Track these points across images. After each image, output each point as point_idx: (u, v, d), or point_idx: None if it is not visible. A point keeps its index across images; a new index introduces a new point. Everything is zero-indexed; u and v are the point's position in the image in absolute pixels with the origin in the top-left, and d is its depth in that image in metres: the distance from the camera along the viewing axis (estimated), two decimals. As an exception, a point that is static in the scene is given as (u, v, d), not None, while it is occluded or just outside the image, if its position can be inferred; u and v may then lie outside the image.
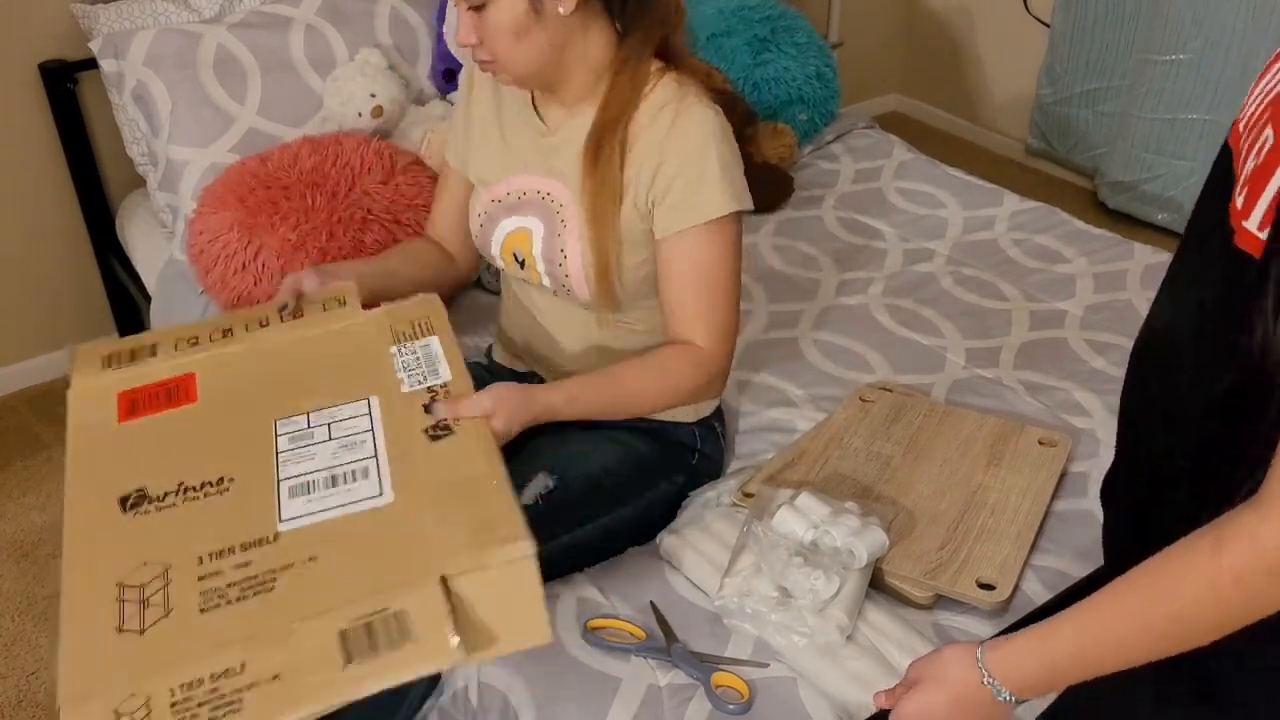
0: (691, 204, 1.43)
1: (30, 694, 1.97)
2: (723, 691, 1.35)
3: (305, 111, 2.25)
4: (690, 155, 1.43)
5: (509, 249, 1.56)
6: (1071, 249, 2.32)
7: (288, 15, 2.30)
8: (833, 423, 1.78)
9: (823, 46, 2.75)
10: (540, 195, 1.53)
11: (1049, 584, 1.51)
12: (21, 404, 2.67)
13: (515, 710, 1.39)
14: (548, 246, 1.52)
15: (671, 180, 1.44)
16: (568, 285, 1.52)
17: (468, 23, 1.41)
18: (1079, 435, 1.79)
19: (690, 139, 1.43)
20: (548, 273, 1.53)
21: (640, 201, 1.47)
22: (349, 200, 1.97)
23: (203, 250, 1.98)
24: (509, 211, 1.56)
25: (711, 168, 1.43)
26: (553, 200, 1.52)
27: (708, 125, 1.44)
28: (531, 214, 1.54)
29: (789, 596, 1.39)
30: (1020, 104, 3.63)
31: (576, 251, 1.49)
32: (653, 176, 1.45)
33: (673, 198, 1.44)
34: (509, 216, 1.56)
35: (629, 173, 1.47)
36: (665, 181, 1.44)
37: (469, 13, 1.40)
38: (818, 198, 2.53)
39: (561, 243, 1.50)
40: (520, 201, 1.55)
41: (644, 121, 1.46)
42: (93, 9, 2.31)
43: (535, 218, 1.53)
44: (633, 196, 1.47)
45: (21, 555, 2.26)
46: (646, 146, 1.45)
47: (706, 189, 1.43)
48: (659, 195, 1.45)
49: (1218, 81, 2.96)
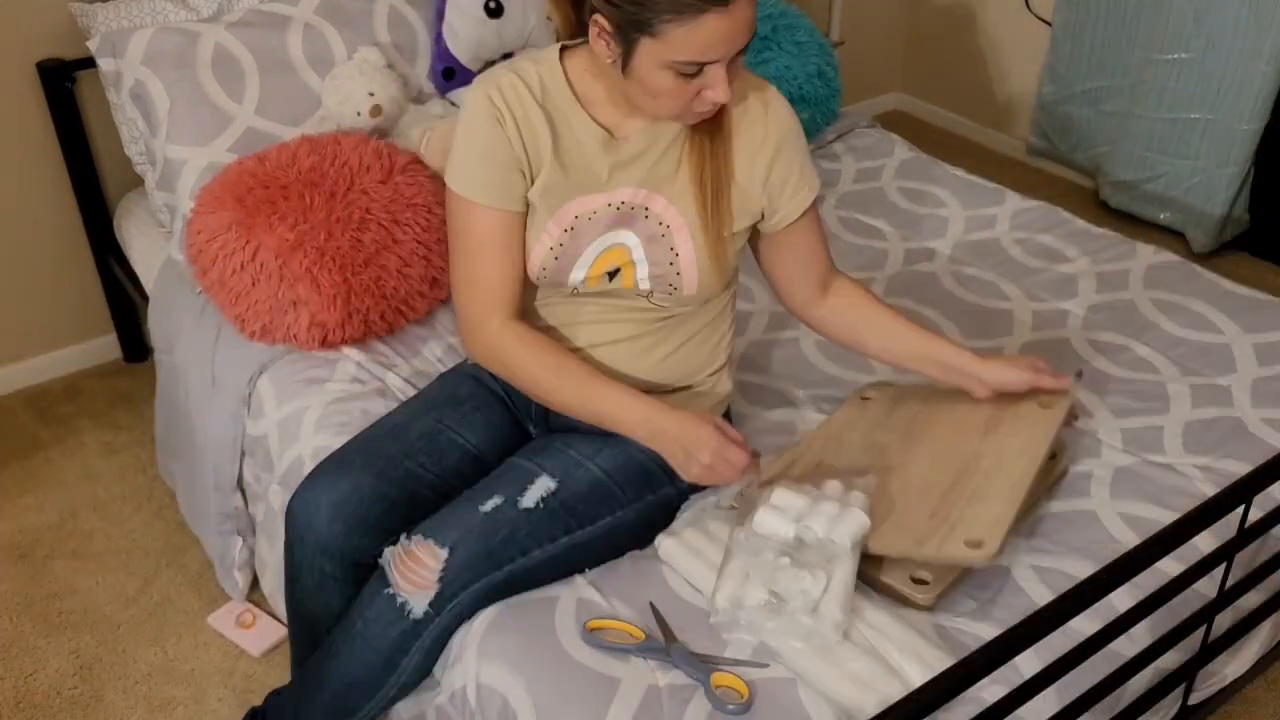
0: (808, 182, 1.57)
1: (29, 695, 1.97)
2: (722, 692, 1.35)
3: (303, 111, 2.25)
4: (794, 142, 1.54)
5: (601, 267, 1.53)
6: (1073, 248, 2.31)
7: (286, 14, 2.30)
8: (833, 422, 1.78)
9: (824, 45, 2.74)
10: (614, 208, 1.51)
11: (1050, 584, 1.51)
12: (19, 404, 2.66)
13: (514, 711, 1.39)
14: (653, 251, 1.52)
15: (787, 172, 1.53)
16: (676, 284, 1.53)
17: (728, 75, 1.37)
18: (1080, 436, 1.78)
19: (786, 125, 1.53)
20: (652, 276, 1.53)
21: (753, 194, 1.53)
22: (347, 200, 1.97)
23: (201, 250, 1.98)
24: (589, 234, 1.51)
25: (805, 147, 1.56)
26: (634, 208, 1.51)
27: (787, 106, 1.54)
28: (618, 227, 1.52)
29: (781, 600, 1.39)
30: (1022, 103, 3.62)
31: (689, 249, 1.51)
32: (768, 169, 1.52)
33: (791, 186, 1.55)
34: (593, 239, 1.52)
35: (739, 165, 1.52)
36: (781, 175, 1.53)
37: (732, 64, 1.37)
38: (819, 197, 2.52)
39: (669, 242, 1.51)
40: (592, 222, 1.51)
41: (737, 109, 1.51)
42: (91, 8, 2.31)
43: (625, 230, 1.52)
44: (744, 189, 1.53)
45: (20, 556, 2.25)
46: (751, 139, 1.51)
47: (808, 166, 1.57)
48: (777, 188, 1.54)
49: (1220, 80, 2.95)
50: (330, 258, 1.91)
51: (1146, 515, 1.63)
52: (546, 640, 1.43)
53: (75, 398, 2.68)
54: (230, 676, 1.99)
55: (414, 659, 1.48)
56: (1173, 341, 2.01)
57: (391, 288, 1.97)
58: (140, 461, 2.48)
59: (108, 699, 1.96)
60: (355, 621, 1.48)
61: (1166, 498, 1.66)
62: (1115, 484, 1.69)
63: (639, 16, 1.31)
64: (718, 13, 1.29)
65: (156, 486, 2.41)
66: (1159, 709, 1.61)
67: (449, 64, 2.38)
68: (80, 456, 2.50)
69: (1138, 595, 1.43)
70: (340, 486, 1.53)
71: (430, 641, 1.47)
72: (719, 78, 1.36)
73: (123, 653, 2.04)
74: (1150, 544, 1.31)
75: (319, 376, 1.91)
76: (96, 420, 2.61)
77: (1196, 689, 1.67)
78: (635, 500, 1.56)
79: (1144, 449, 1.76)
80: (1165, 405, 1.85)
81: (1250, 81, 2.88)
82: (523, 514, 1.48)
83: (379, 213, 1.97)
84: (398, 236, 1.98)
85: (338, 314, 1.92)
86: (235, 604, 2.10)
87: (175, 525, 2.31)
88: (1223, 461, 1.73)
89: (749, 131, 1.51)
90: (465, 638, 1.47)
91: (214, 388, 1.99)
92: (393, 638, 1.46)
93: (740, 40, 1.34)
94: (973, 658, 1.18)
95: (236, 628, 2.06)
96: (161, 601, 2.14)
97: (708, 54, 1.33)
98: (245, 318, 1.96)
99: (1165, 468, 1.72)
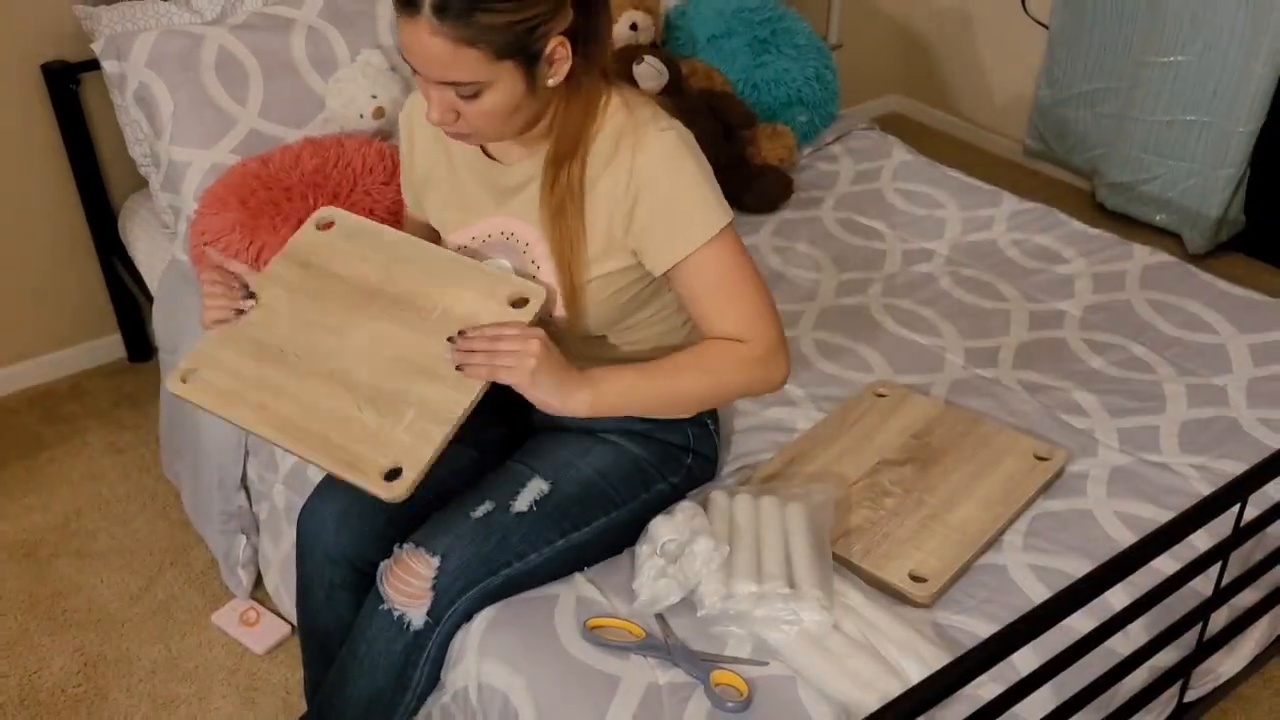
0: (681, 233, 1.40)
1: (33, 693, 1.98)
2: (722, 690, 1.36)
3: (307, 113, 2.26)
4: (663, 186, 1.39)
5: None
6: (1070, 250, 2.33)
7: (289, 17, 2.31)
8: (830, 422, 1.79)
9: (822, 48, 2.75)
10: (504, 236, 1.50)
11: (1046, 582, 1.52)
12: (24, 404, 2.68)
13: (515, 709, 1.40)
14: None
15: (651, 217, 1.40)
16: (551, 321, 1.51)
17: (444, 102, 1.34)
18: (1077, 435, 1.80)
19: (657, 169, 1.38)
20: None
21: (616, 239, 1.44)
22: (350, 201, 1.98)
23: (204, 251, 1.99)
24: (479, 258, 1.52)
25: (689, 190, 1.39)
26: (517, 240, 1.49)
27: (667, 148, 1.39)
28: (500, 255, 1.51)
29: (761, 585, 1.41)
30: (1019, 105, 3.64)
31: (554, 283, 1.47)
32: (628, 218, 1.41)
33: (661, 232, 1.41)
34: (482, 261, 1.52)
35: (599, 213, 1.43)
36: (644, 220, 1.41)
37: (449, 94, 1.32)
38: (817, 199, 2.54)
39: (541, 281, 1.48)
40: (485, 244, 1.52)
41: (601, 159, 1.41)
42: (95, 10, 2.32)
43: (505, 259, 1.51)
44: (605, 234, 1.44)
45: (24, 555, 2.26)
46: (613, 188, 1.41)
47: (690, 214, 1.40)
48: (642, 234, 1.42)
49: (1216, 83, 2.97)
50: (333, 259, 1.92)
51: (1142, 514, 1.64)
52: (547, 639, 1.44)
53: (80, 397, 2.69)
54: (234, 674, 2.01)
55: (424, 671, 1.48)
56: (1168, 341, 2.03)
57: (394, 289, 1.98)
58: (144, 461, 2.49)
59: (112, 697, 1.97)
60: (359, 643, 1.49)
61: (1162, 497, 1.67)
62: (1111, 483, 1.70)
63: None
64: (401, 19, 1.27)
65: (160, 486, 2.42)
66: (1155, 706, 1.62)
67: (451, 66, 2.39)
68: (85, 456, 2.52)
69: (1134, 593, 1.44)
70: (345, 496, 1.54)
71: (436, 651, 1.48)
72: (424, 90, 1.34)
73: (127, 651, 2.06)
74: (1146, 542, 1.32)
75: (322, 377, 1.92)
76: (101, 420, 2.62)
77: (1192, 687, 1.68)
78: (630, 500, 1.56)
79: (1140, 448, 1.78)
80: (1161, 405, 1.87)
81: (1246, 84, 2.89)
82: (515, 518, 1.48)
83: (382, 214, 1.99)
84: (400, 238, 1.99)
85: (341, 315, 1.93)
86: (239, 602, 2.12)
87: (179, 524, 2.32)
88: (1218, 461, 1.74)
89: (612, 178, 1.41)
90: (466, 637, 1.48)
91: (218, 388, 2.00)
92: (397, 653, 1.46)
93: (427, 69, 1.29)
94: (970, 655, 1.19)
95: (240, 626, 2.07)
96: (165, 600, 2.16)
97: (405, 56, 1.32)
98: (249, 318, 1.97)
99: (1161, 467, 1.73)
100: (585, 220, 1.43)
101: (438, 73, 1.30)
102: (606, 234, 1.44)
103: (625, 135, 1.40)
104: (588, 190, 1.42)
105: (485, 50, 1.27)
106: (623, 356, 1.57)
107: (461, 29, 1.25)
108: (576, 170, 1.41)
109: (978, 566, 1.55)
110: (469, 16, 1.24)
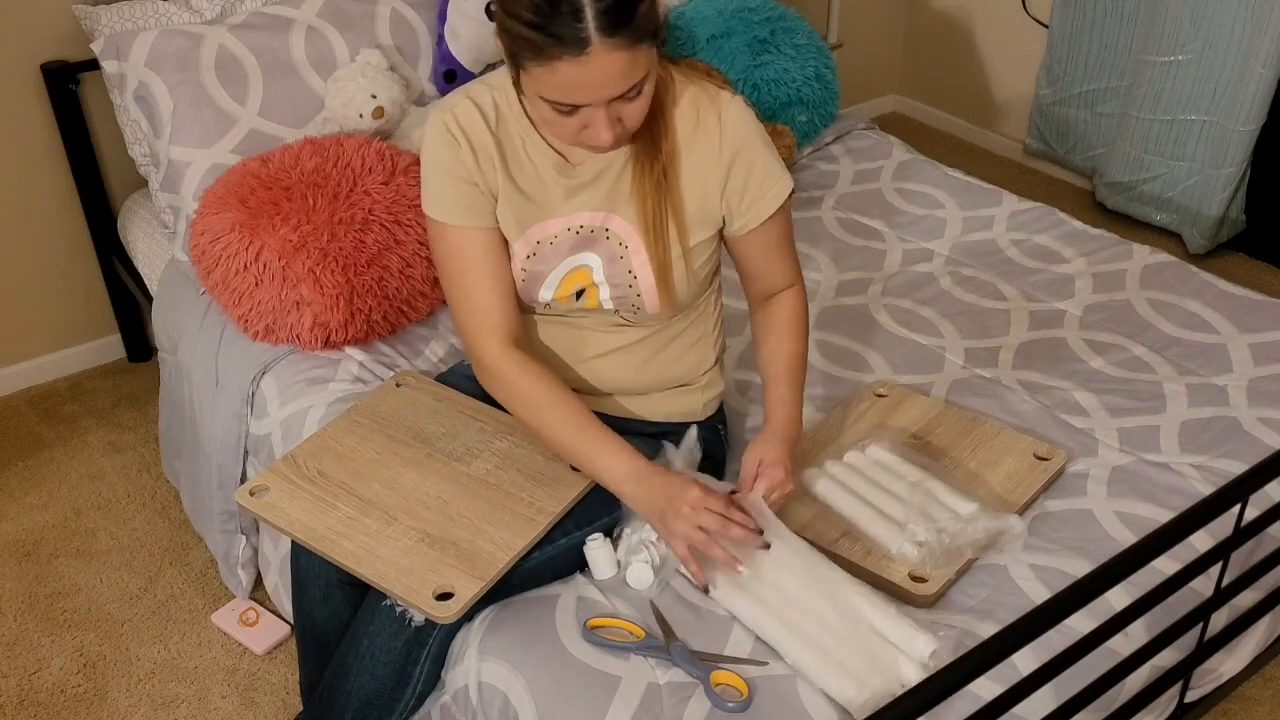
0: (767, 194, 1.51)
1: (32, 693, 1.98)
2: (722, 690, 1.36)
3: (306, 112, 2.26)
4: (750, 151, 1.48)
5: (567, 288, 1.53)
6: (1070, 249, 2.33)
7: (289, 16, 2.31)
8: (830, 422, 1.79)
9: (822, 48, 2.75)
10: (574, 232, 1.50)
11: (1047, 582, 1.52)
12: (24, 404, 2.67)
13: (516, 709, 1.40)
14: (613, 273, 1.51)
15: (745, 179, 1.49)
16: (638, 305, 1.52)
17: (610, 117, 1.32)
18: (1077, 435, 1.80)
19: (743, 133, 1.47)
20: (614, 297, 1.52)
21: (710, 206, 1.50)
22: (350, 201, 1.98)
23: (204, 251, 1.99)
24: (552, 259, 1.51)
25: (767, 154, 1.50)
26: (595, 230, 1.50)
27: (749, 114, 1.48)
28: (580, 250, 1.51)
29: None
30: (1019, 105, 3.63)
31: (648, 271, 1.49)
32: (724, 181, 1.49)
33: (750, 194, 1.50)
34: (556, 264, 1.51)
35: (693, 181, 1.48)
36: (739, 182, 1.49)
37: (616, 105, 1.31)
38: (817, 199, 2.54)
39: (627, 264, 1.50)
40: (555, 247, 1.51)
41: (687, 128, 1.47)
42: (94, 10, 2.32)
43: (586, 252, 1.51)
44: (700, 200, 1.49)
45: (24, 555, 2.26)
46: (704, 154, 1.47)
47: (772, 175, 1.50)
48: (734, 197, 1.50)
49: (1216, 82, 2.96)
50: (333, 259, 1.92)
51: (1143, 514, 1.64)
52: (547, 638, 1.44)
53: (79, 397, 2.69)
54: (233, 674, 2.00)
55: (425, 667, 1.48)
56: (1169, 341, 2.03)
57: (394, 288, 1.98)
58: (144, 461, 2.49)
59: (111, 697, 1.97)
60: (360, 639, 1.49)
61: (1163, 497, 1.67)
62: (1112, 483, 1.70)
63: (514, 49, 1.29)
64: (570, 61, 1.24)
65: (160, 485, 2.42)
66: (1155, 706, 1.62)
67: (451, 66, 2.39)
68: (84, 456, 2.52)
69: (1134, 593, 1.44)
70: None
71: (437, 648, 1.48)
72: (595, 120, 1.32)
73: (126, 651, 2.06)
74: (1147, 542, 1.32)
75: (322, 376, 1.92)
76: (100, 420, 2.62)
77: (1193, 687, 1.68)
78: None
79: (1140, 448, 1.77)
80: (1161, 405, 1.87)
81: (1247, 83, 2.89)
82: None
83: (381, 214, 1.99)
84: (400, 237, 1.99)
85: (340, 314, 1.93)
86: (239, 602, 2.12)
87: (179, 524, 2.32)
88: (1219, 461, 1.74)
89: (703, 145, 1.47)
90: (466, 636, 1.48)
91: (217, 387, 2.00)
92: (398, 649, 1.46)
93: (610, 89, 1.28)
94: (970, 655, 1.19)
95: (240, 626, 2.07)
96: (165, 600, 2.16)
97: (571, 97, 1.28)
98: (248, 318, 1.97)
99: (1162, 467, 1.73)
100: (681, 191, 1.48)
101: (620, 86, 1.29)
102: (701, 200, 1.50)
103: (704, 105, 1.47)
104: (680, 160, 1.47)
105: (648, 39, 1.29)
106: (678, 339, 1.61)
107: (631, 32, 1.25)
108: (671, 139, 1.46)
109: (978, 566, 1.55)
110: (634, 16, 1.24)
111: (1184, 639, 1.54)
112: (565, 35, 1.22)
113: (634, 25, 1.24)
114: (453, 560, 1.42)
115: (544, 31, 1.22)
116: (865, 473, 1.64)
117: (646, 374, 1.61)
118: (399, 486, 1.53)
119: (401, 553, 1.43)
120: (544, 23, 1.22)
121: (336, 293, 1.92)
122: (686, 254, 1.51)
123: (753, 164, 1.49)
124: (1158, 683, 1.54)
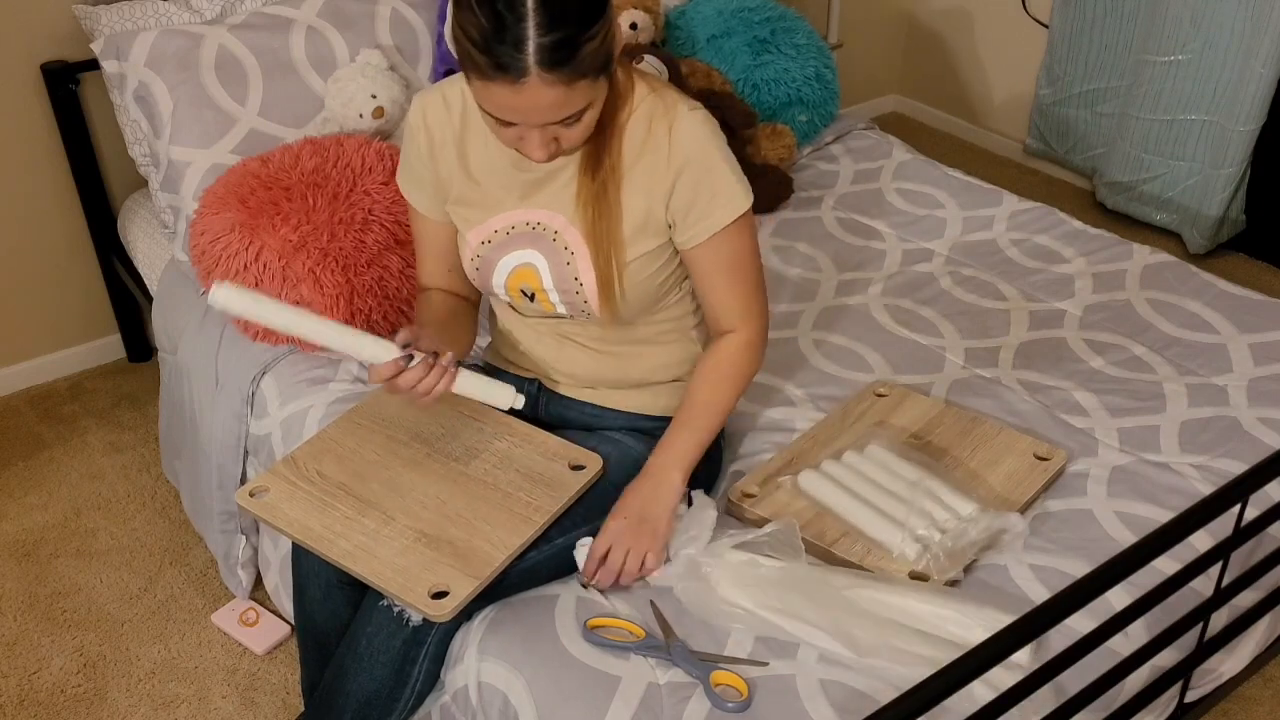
0: (715, 209, 1.47)
1: (32, 693, 1.98)
2: (722, 690, 1.36)
3: (306, 112, 2.26)
4: (700, 164, 1.45)
5: (515, 285, 1.55)
6: (1070, 249, 2.33)
7: (289, 16, 2.31)
8: (830, 422, 1.79)
9: (822, 47, 2.75)
10: (530, 226, 1.52)
11: (1046, 582, 1.52)
12: (24, 404, 2.67)
13: (515, 709, 1.40)
14: (559, 277, 1.51)
15: (691, 193, 1.46)
16: (587, 309, 1.53)
17: (545, 137, 1.34)
18: (1077, 435, 1.80)
19: (694, 147, 1.45)
20: (563, 301, 1.53)
21: (656, 215, 1.48)
22: (350, 201, 1.98)
23: (204, 251, 1.99)
24: (503, 249, 1.54)
25: (721, 169, 1.46)
26: (545, 229, 1.51)
27: (705, 128, 1.46)
28: (528, 247, 1.52)
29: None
30: (1019, 105, 3.63)
31: (591, 278, 1.50)
32: (668, 195, 1.47)
33: (697, 209, 1.47)
34: (505, 254, 1.54)
35: (638, 192, 1.47)
36: (687, 195, 1.46)
37: (553, 127, 1.33)
38: (817, 199, 2.54)
39: (574, 270, 1.50)
40: (510, 237, 1.53)
41: (638, 138, 1.46)
42: (94, 10, 2.32)
43: (534, 250, 1.52)
44: (644, 211, 1.48)
45: (24, 555, 2.26)
46: (653, 165, 1.46)
47: (723, 191, 1.47)
48: (680, 210, 1.48)
49: (1216, 82, 2.96)
50: (333, 259, 1.92)
51: (1143, 514, 1.64)
52: (547, 638, 1.44)
53: (79, 397, 2.69)
54: (233, 675, 2.00)
55: (424, 667, 1.48)
56: (1169, 341, 2.03)
57: (394, 288, 1.98)
58: (144, 460, 2.49)
59: (111, 697, 1.97)
60: (359, 639, 1.49)
61: (1163, 496, 1.67)
62: (1112, 483, 1.70)
63: (460, 58, 1.30)
64: (505, 86, 1.26)
65: (160, 485, 2.42)
66: (1155, 707, 1.62)
67: (451, 66, 2.39)
68: (84, 456, 2.52)
69: (1134, 593, 1.44)
70: None
71: (435, 647, 1.48)
72: (529, 137, 1.33)
73: (126, 651, 2.06)
74: (1147, 542, 1.32)
75: (322, 377, 1.92)
76: (100, 420, 2.62)
77: (1193, 687, 1.68)
78: None
79: (1140, 448, 1.77)
80: (1161, 405, 1.87)
81: (1247, 83, 2.89)
82: None
83: (381, 214, 1.99)
84: (400, 238, 1.99)
85: (340, 315, 1.93)
86: (239, 602, 2.12)
87: (179, 524, 2.32)
88: (1219, 460, 1.74)
89: (652, 155, 1.46)
90: (466, 636, 1.48)
91: (217, 387, 2.01)
92: (397, 648, 1.46)
93: (544, 117, 1.29)
94: (970, 655, 1.19)
95: (240, 626, 2.07)
96: (165, 600, 2.16)
97: (506, 115, 1.30)
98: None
99: (1162, 467, 1.73)
100: (623, 202, 1.47)
101: (553, 116, 1.30)
102: (646, 211, 1.48)
103: (657, 116, 1.46)
104: (626, 171, 1.46)
105: (590, 75, 1.29)
106: (653, 341, 1.61)
107: (569, 70, 1.25)
108: (616, 153, 1.45)
109: (978, 566, 1.55)
110: (575, 55, 1.25)
111: (1184, 639, 1.54)
112: (505, 62, 1.24)
113: (575, 63, 1.25)
114: (448, 559, 1.42)
115: (486, 54, 1.24)
116: (865, 473, 1.64)
117: (619, 371, 1.62)
118: (398, 487, 1.53)
119: (398, 552, 1.43)
120: (487, 46, 1.24)
121: (336, 293, 1.92)
122: (623, 267, 1.49)
123: (702, 178, 1.46)
124: (1158, 683, 1.53)
